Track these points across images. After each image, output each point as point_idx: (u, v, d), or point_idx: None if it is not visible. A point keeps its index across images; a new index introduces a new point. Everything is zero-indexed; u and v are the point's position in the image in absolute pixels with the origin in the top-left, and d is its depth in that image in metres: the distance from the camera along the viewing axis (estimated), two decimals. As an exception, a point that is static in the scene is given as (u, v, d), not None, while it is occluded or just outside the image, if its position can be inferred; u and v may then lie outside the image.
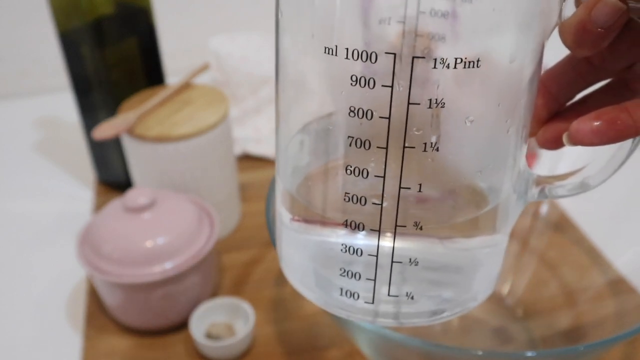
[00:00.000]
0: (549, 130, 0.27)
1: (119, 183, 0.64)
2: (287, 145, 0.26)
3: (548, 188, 0.27)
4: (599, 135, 0.23)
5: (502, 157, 0.24)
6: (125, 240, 0.45)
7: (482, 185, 0.25)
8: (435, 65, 0.20)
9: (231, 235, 0.59)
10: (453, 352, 0.32)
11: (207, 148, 0.52)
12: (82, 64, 0.57)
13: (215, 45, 0.77)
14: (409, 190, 0.23)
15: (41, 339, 0.49)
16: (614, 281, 0.45)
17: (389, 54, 0.20)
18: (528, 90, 0.23)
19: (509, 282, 0.50)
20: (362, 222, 0.23)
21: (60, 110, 0.80)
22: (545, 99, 0.27)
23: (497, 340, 0.46)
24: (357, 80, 0.21)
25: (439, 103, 0.21)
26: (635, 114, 0.22)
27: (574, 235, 0.52)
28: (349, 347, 0.47)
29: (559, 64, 0.27)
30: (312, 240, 0.26)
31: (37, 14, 0.76)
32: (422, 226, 0.23)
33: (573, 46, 0.22)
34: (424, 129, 0.21)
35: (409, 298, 0.25)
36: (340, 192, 0.24)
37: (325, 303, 0.27)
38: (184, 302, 0.47)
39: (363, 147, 0.22)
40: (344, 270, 0.25)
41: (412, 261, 0.24)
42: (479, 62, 0.20)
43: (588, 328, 0.44)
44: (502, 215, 0.26)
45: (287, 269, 0.29)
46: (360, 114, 0.22)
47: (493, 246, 0.27)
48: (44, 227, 0.62)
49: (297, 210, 0.26)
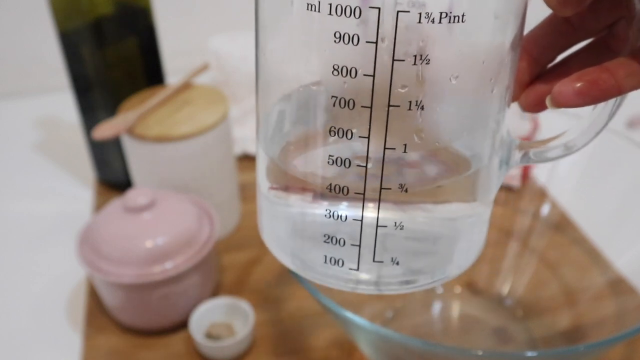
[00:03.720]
0: (532, 93, 0.27)
1: (119, 183, 0.64)
2: (269, 111, 0.25)
3: (532, 152, 0.27)
4: (581, 96, 0.23)
5: (486, 117, 0.24)
6: (125, 240, 0.45)
7: (466, 148, 0.25)
8: (420, 19, 0.20)
9: (231, 235, 0.59)
10: (453, 352, 0.32)
11: (207, 148, 0.52)
12: (82, 64, 0.57)
13: (215, 45, 0.77)
14: (394, 150, 0.22)
15: (41, 339, 0.49)
16: (614, 281, 0.45)
17: (373, 8, 0.20)
18: (511, 50, 0.23)
19: (509, 282, 0.50)
20: (346, 185, 0.23)
21: (60, 110, 0.80)
22: (526, 62, 0.27)
23: (497, 340, 0.46)
24: (341, 36, 0.20)
25: (423, 59, 0.21)
26: (616, 73, 0.23)
27: (574, 235, 0.52)
28: (349, 347, 0.47)
29: (539, 26, 0.27)
30: (294, 208, 0.25)
31: (37, 14, 0.77)
32: (407, 188, 0.23)
33: (556, 5, 0.22)
34: (408, 86, 0.21)
35: (394, 263, 0.25)
36: (324, 155, 0.23)
37: (308, 272, 0.26)
38: (184, 302, 0.47)
39: (347, 106, 0.22)
40: (327, 236, 0.24)
41: (397, 225, 0.24)
42: (464, 16, 0.20)
43: (588, 328, 0.44)
44: (485, 178, 0.25)
45: (268, 239, 0.28)
46: (344, 72, 0.21)
47: (476, 214, 0.26)
48: (44, 227, 0.62)
49: (279, 177, 0.25)
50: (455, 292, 0.50)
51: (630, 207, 0.45)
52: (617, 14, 0.25)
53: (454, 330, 0.48)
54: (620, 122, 0.70)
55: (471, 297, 0.50)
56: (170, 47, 0.69)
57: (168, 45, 0.67)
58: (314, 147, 0.23)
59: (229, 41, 0.78)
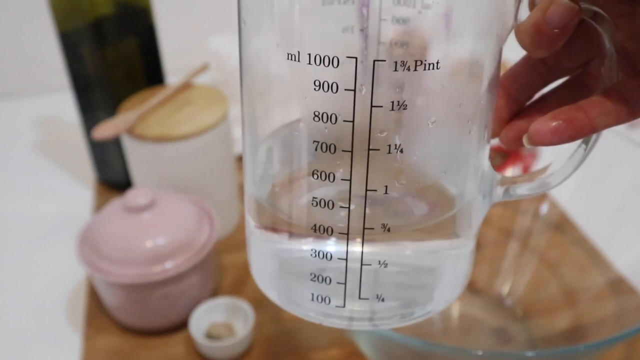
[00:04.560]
0: (511, 129, 0.28)
1: (119, 183, 0.64)
2: (254, 153, 0.26)
3: (512, 188, 0.27)
4: (557, 134, 0.23)
5: (465, 157, 0.25)
6: (125, 240, 0.45)
7: (448, 186, 0.25)
8: (396, 68, 0.20)
9: (231, 235, 0.59)
10: (453, 352, 0.32)
11: (207, 148, 0.52)
12: (82, 64, 0.57)
13: (215, 45, 0.77)
14: (376, 192, 0.23)
15: (41, 339, 0.49)
16: (614, 281, 0.45)
17: (351, 57, 0.21)
18: (488, 92, 0.24)
19: (509, 282, 0.50)
20: (330, 226, 0.24)
21: (60, 110, 0.80)
22: (505, 100, 0.28)
23: (497, 340, 0.46)
24: (320, 84, 0.21)
25: (401, 105, 0.21)
26: (590, 112, 0.23)
27: (574, 235, 0.52)
28: (349, 347, 0.47)
29: (516, 66, 0.28)
30: (280, 247, 0.26)
31: (37, 14, 0.76)
32: (389, 228, 0.24)
33: (530, 47, 0.23)
34: (387, 131, 0.22)
35: (380, 300, 0.25)
36: (308, 197, 0.24)
37: (298, 310, 0.27)
38: (184, 302, 0.47)
39: (329, 151, 0.22)
40: (314, 275, 0.25)
41: (381, 263, 0.24)
42: (438, 64, 0.21)
43: (588, 328, 0.44)
44: (468, 216, 0.26)
45: (258, 276, 0.29)
46: (324, 118, 0.22)
47: (460, 247, 0.27)
48: (44, 227, 0.62)
49: (265, 217, 0.26)
50: (455, 292, 0.50)
51: (630, 207, 0.45)
52: (590, 54, 0.26)
53: (454, 330, 0.48)
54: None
55: (471, 297, 0.50)
56: (170, 47, 0.69)
57: (168, 45, 0.67)
58: (298, 188, 0.24)
59: (229, 41, 0.78)
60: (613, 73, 0.24)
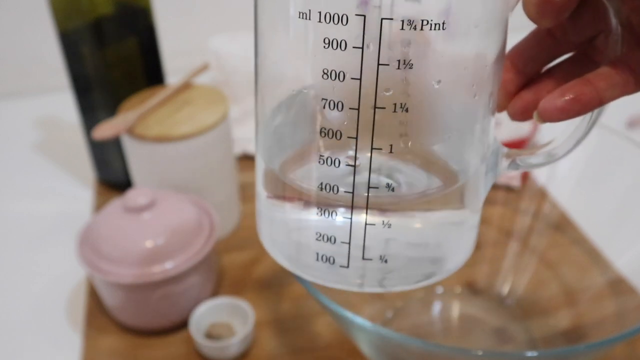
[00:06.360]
0: (518, 102, 0.28)
1: (119, 183, 0.64)
2: (266, 119, 0.26)
3: (518, 159, 0.28)
4: (565, 111, 0.24)
5: (470, 122, 0.25)
6: (125, 240, 0.45)
7: (453, 154, 0.26)
8: (403, 26, 0.21)
9: (231, 235, 0.59)
10: (453, 352, 0.32)
11: (207, 148, 0.52)
12: (82, 64, 0.57)
13: (215, 45, 0.77)
14: (381, 150, 0.23)
15: (41, 339, 0.49)
16: (614, 281, 0.45)
17: (359, 15, 0.21)
18: (493, 59, 0.24)
19: (509, 282, 0.50)
20: (336, 184, 0.24)
21: (60, 110, 0.80)
22: (512, 74, 0.28)
23: (497, 340, 0.47)
24: (330, 42, 0.22)
25: (407, 64, 0.22)
26: (597, 85, 0.24)
27: (574, 235, 0.52)
28: (349, 347, 0.47)
29: (524, 40, 0.28)
30: (290, 211, 0.27)
31: (37, 14, 0.77)
32: (393, 188, 0.24)
33: (536, 17, 0.23)
34: (393, 89, 0.22)
35: (383, 261, 0.25)
36: (315, 155, 0.24)
37: (305, 271, 0.27)
38: (184, 302, 0.47)
39: (336, 108, 0.23)
40: (319, 234, 0.25)
41: (385, 224, 0.25)
42: (444, 24, 0.21)
43: (588, 328, 0.44)
44: (473, 186, 0.26)
45: (267, 241, 0.29)
46: (332, 75, 0.22)
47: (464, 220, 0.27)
48: (44, 227, 0.62)
49: (276, 185, 0.27)
50: (455, 292, 0.50)
51: (630, 207, 0.45)
52: (596, 29, 0.26)
53: (454, 330, 0.48)
54: (621, 122, 0.70)
55: (471, 297, 0.50)
56: (170, 47, 0.69)
57: (168, 45, 0.67)
58: (307, 149, 0.25)
59: (229, 41, 0.78)
60: (617, 46, 0.24)
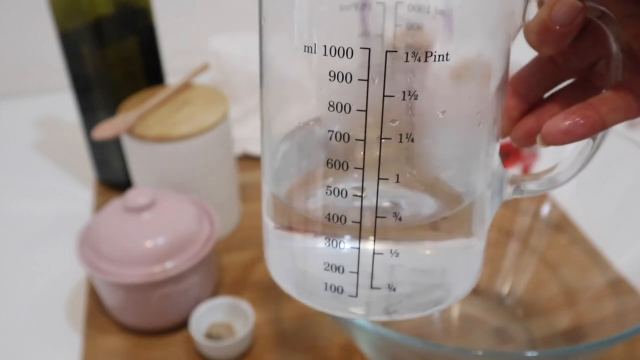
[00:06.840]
0: (521, 128, 0.28)
1: (119, 183, 0.64)
2: (272, 151, 0.26)
3: (523, 184, 0.28)
4: (569, 134, 0.24)
5: (475, 149, 0.25)
6: (125, 240, 0.45)
7: (458, 181, 0.26)
8: (407, 58, 0.21)
9: (231, 235, 0.59)
10: (453, 352, 0.32)
11: (207, 148, 0.52)
12: (82, 64, 0.57)
13: (215, 45, 0.77)
14: (388, 180, 0.24)
15: (41, 339, 0.49)
16: (614, 281, 0.45)
17: (364, 49, 0.21)
18: (496, 86, 0.24)
19: (509, 282, 0.50)
20: (344, 214, 0.24)
21: (60, 110, 0.80)
22: (515, 100, 0.29)
23: (497, 340, 0.46)
24: (335, 75, 0.22)
25: (412, 95, 0.22)
26: (600, 109, 0.24)
27: (574, 235, 0.52)
28: (349, 347, 0.47)
29: (526, 66, 0.29)
30: (297, 241, 0.27)
31: (37, 14, 0.76)
32: (401, 217, 0.24)
33: (537, 45, 0.24)
34: (399, 120, 0.23)
35: (391, 290, 0.26)
36: (322, 186, 0.24)
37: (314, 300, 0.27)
38: (184, 302, 0.47)
39: (342, 140, 0.23)
40: (328, 264, 0.25)
41: (392, 253, 0.25)
42: (448, 55, 0.22)
43: (588, 328, 0.44)
44: (478, 212, 0.26)
45: (274, 271, 0.29)
46: (339, 107, 0.23)
47: (470, 246, 0.27)
48: (44, 227, 0.62)
49: (283, 214, 0.27)
50: (455, 292, 0.50)
51: (630, 207, 0.45)
52: (598, 54, 0.26)
53: (454, 330, 0.48)
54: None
55: (471, 297, 0.50)
56: (170, 47, 0.69)
57: (168, 45, 0.67)
58: (314, 179, 0.25)
59: (229, 41, 0.78)
60: (618, 72, 0.24)
